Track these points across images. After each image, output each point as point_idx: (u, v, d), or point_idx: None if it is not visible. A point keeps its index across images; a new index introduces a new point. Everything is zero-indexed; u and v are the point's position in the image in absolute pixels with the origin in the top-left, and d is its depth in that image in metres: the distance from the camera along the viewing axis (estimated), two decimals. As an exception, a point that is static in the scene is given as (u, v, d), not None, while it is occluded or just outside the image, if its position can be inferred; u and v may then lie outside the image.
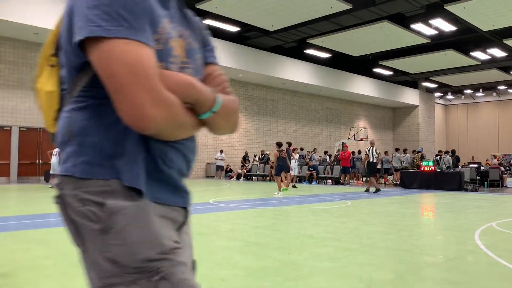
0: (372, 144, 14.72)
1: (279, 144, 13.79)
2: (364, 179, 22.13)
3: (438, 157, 19.50)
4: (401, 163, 19.68)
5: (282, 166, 13.60)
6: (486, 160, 28.08)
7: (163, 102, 0.96)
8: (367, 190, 14.46)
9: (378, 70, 29.89)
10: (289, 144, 15.69)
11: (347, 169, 18.84)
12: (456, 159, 18.30)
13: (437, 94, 40.39)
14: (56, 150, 14.92)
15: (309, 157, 22.34)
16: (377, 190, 14.21)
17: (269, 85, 27.85)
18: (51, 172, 15.00)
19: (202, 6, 17.67)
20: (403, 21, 20.29)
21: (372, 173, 14.91)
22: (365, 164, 14.92)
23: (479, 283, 3.64)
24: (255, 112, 27.36)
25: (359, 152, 22.27)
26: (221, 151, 23.70)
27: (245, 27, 21.14)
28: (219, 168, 23.49)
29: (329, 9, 17.64)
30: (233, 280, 3.59)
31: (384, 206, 9.89)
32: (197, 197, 11.62)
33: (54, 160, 14.70)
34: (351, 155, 20.58)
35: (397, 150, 21.23)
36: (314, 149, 24.30)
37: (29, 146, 18.40)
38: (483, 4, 17.09)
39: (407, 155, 19.23)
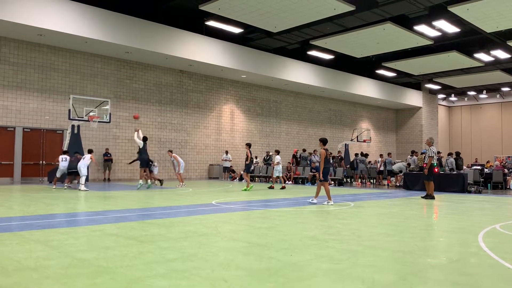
0: (431, 143, 12.69)
1: (324, 141, 10.64)
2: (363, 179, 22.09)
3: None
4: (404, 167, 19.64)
5: (329, 169, 10.71)
6: (487, 162, 27.94)
7: None
8: (431, 196, 12.35)
9: (381, 71, 29.84)
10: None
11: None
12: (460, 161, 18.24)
13: (441, 96, 40.28)
14: (64, 156, 15.05)
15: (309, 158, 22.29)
16: (431, 197, 12.35)
17: (272, 87, 27.86)
18: (57, 175, 15.04)
19: (205, 8, 17.71)
20: (406, 22, 20.26)
21: (432, 176, 12.60)
22: (428, 167, 12.41)
23: (482, 285, 3.63)
24: (258, 113, 27.37)
25: (362, 154, 22.23)
26: (227, 152, 23.66)
27: (248, 29, 21.17)
28: (226, 169, 23.44)
29: (332, 10, 17.64)
30: (235, 281, 3.59)
31: (387, 208, 9.86)
32: (199, 198, 11.62)
33: (63, 164, 14.86)
34: (355, 157, 20.50)
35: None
36: (314, 151, 24.25)
37: (33, 147, 18.46)
38: (486, 5, 17.04)
39: (414, 157, 19.18)
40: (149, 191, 13.95)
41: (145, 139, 15.40)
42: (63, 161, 14.85)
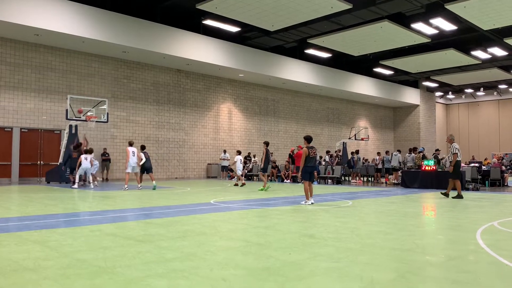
0: (452, 140, 12.18)
1: (308, 139, 10.35)
2: (364, 178, 22.11)
3: (433, 156, 19.54)
4: (399, 164, 19.70)
5: (312, 168, 10.16)
6: (485, 159, 28.03)
7: None
8: (457, 196, 11.82)
9: (378, 69, 29.87)
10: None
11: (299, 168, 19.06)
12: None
13: (438, 94, 40.36)
14: (87, 155, 15.14)
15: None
16: (460, 196, 11.73)
17: (269, 85, 27.85)
18: (80, 174, 15.34)
19: (202, 7, 17.68)
20: (403, 20, 20.28)
21: (460, 174, 12.21)
22: (454, 165, 11.79)
23: (481, 282, 3.64)
24: (256, 112, 27.36)
25: (357, 152, 22.25)
26: (225, 151, 23.63)
27: (246, 27, 21.15)
28: (224, 168, 23.40)
29: (329, 8, 17.64)
30: (234, 281, 3.59)
31: (385, 206, 9.88)
32: (198, 198, 11.62)
33: (86, 165, 15.04)
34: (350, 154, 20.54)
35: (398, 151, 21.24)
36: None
37: (31, 147, 18.42)
38: (483, 3, 17.07)
39: (412, 154, 19.23)
40: (147, 191, 13.94)
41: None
42: (86, 160, 15.18)
